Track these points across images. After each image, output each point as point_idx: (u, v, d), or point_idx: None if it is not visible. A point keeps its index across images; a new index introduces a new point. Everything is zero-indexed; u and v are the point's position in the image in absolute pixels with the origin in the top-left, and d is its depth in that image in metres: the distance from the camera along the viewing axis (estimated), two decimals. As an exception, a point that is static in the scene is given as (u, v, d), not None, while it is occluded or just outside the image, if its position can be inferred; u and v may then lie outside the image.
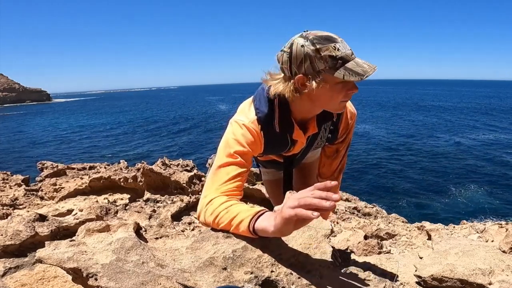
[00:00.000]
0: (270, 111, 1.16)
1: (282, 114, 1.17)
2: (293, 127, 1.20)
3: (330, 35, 1.02)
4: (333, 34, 1.03)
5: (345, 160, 1.54)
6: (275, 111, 1.16)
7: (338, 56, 1.00)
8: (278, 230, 0.83)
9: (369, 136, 24.35)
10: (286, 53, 1.05)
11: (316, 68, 1.01)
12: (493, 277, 1.03)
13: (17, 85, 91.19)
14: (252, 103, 1.20)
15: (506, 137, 23.11)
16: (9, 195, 2.68)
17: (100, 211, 2.04)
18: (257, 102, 1.18)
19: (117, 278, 0.85)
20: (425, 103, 55.25)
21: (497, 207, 11.24)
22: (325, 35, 1.01)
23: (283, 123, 1.18)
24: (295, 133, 1.22)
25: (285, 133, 1.21)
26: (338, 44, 1.01)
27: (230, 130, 1.15)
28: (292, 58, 1.03)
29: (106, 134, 30.86)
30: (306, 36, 1.02)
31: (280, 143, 1.25)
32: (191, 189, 3.01)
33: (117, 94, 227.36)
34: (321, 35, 1.01)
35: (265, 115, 1.15)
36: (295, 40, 1.03)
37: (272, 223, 0.85)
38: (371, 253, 1.72)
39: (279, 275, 0.88)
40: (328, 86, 1.04)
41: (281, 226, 0.81)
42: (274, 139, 1.21)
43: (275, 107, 1.16)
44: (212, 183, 1.07)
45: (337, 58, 1.00)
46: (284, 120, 1.18)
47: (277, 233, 0.85)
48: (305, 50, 1.00)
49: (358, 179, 14.21)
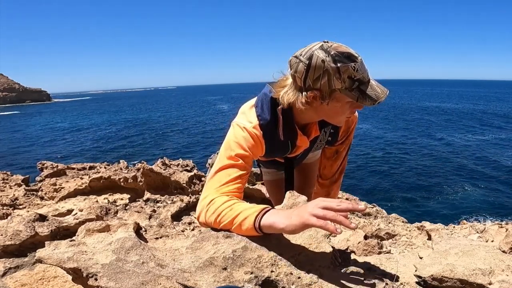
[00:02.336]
0: (272, 118, 1.15)
1: (285, 122, 1.16)
2: (297, 134, 1.20)
3: (352, 53, 0.99)
4: (354, 52, 1.00)
5: (345, 162, 1.54)
6: (279, 119, 1.15)
7: (356, 78, 0.98)
8: (291, 230, 0.86)
9: (369, 136, 24.35)
10: (303, 63, 1.00)
11: (332, 86, 0.99)
12: (493, 277, 1.03)
13: (17, 85, 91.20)
14: (254, 107, 1.19)
15: (506, 137, 23.11)
16: (9, 195, 2.68)
17: (100, 211, 2.04)
18: (259, 108, 1.17)
19: (117, 278, 0.85)
20: (425, 103, 55.27)
21: (497, 207, 11.25)
22: (347, 52, 0.98)
23: (286, 130, 1.18)
24: (299, 139, 1.22)
25: (287, 139, 1.21)
26: (358, 64, 0.98)
27: (232, 132, 1.15)
28: (310, 70, 0.99)
29: (106, 134, 30.86)
30: (328, 50, 0.97)
31: (281, 148, 1.25)
32: (191, 189, 3.01)
33: (116, 94, 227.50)
34: (343, 51, 0.97)
35: (268, 122, 1.15)
36: (315, 52, 0.98)
37: (283, 221, 0.87)
38: (371, 253, 1.72)
39: (279, 275, 0.88)
40: (339, 104, 1.04)
41: (297, 228, 0.85)
42: (275, 144, 1.21)
43: (279, 114, 1.15)
44: (213, 184, 1.07)
45: (354, 79, 0.98)
46: (287, 127, 1.17)
47: (288, 231, 0.88)
48: (325, 66, 0.96)
49: (358, 179, 14.22)
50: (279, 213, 0.90)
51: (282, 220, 0.87)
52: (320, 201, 0.84)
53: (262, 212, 0.92)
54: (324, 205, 0.82)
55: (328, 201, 0.83)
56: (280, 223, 0.87)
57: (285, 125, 1.17)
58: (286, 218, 0.87)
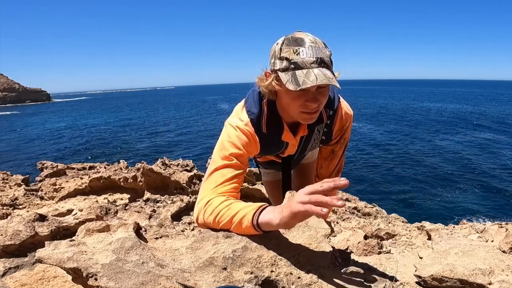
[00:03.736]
0: (259, 111, 1.16)
1: (270, 114, 1.17)
2: (282, 128, 1.20)
3: (303, 38, 0.99)
4: (308, 39, 0.99)
5: (342, 161, 1.54)
6: (263, 111, 1.16)
7: (293, 60, 0.98)
8: (283, 222, 0.85)
9: (369, 136, 24.36)
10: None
11: (275, 66, 1.03)
12: (493, 277, 1.03)
13: (17, 85, 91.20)
14: (245, 104, 1.20)
15: (506, 137, 23.12)
16: (9, 195, 2.68)
17: (100, 211, 2.04)
18: (248, 103, 1.19)
19: (117, 278, 0.85)
20: (425, 103, 55.29)
21: (497, 207, 11.25)
22: (298, 37, 1.00)
23: (271, 123, 1.17)
24: (284, 134, 1.22)
25: (273, 133, 1.20)
26: (303, 48, 0.98)
27: (225, 132, 1.15)
28: (269, 54, 1.07)
29: (106, 133, 30.85)
30: (288, 35, 1.03)
31: (274, 144, 1.25)
32: (191, 189, 3.01)
33: (116, 94, 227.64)
34: (296, 36, 1.01)
35: (256, 116, 1.16)
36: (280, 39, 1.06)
37: (277, 216, 0.87)
38: (371, 253, 1.72)
39: (279, 275, 0.88)
40: (283, 90, 1.03)
41: (288, 219, 0.84)
42: (268, 140, 1.21)
43: (263, 106, 1.16)
44: (208, 185, 1.07)
45: (291, 61, 0.98)
46: (272, 120, 1.17)
47: (282, 225, 0.87)
48: (274, 48, 1.04)
49: (358, 179, 14.21)
50: (274, 210, 0.90)
51: (276, 215, 0.87)
52: (305, 188, 0.83)
53: (259, 210, 0.93)
54: (309, 190, 0.82)
55: (312, 186, 0.82)
56: (275, 219, 0.87)
57: (270, 118, 1.17)
58: (279, 213, 0.87)
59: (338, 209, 3.56)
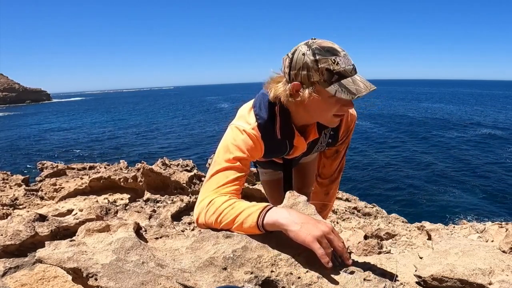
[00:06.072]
0: (270, 117, 1.16)
1: (283, 121, 1.17)
2: (294, 133, 1.20)
3: (334, 47, 1.01)
4: (337, 47, 1.02)
5: (344, 160, 1.55)
6: (276, 117, 1.16)
7: (335, 71, 0.99)
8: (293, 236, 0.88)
9: (369, 135, 24.35)
10: (288, 58, 1.06)
11: (311, 79, 1.01)
12: (493, 277, 1.03)
13: (17, 85, 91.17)
14: (252, 108, 1.20)
15: (506, 137, 23.11)
16: (9, 195, 2.68)
17: (100, 211, 2.04)
18: (257, 108, 1.18)
19: (117, 278, 0.85)
20: (425, 103, 55.29)
21: (497, 207, 11.25)
22: (328, 46, 1.01)
23: (284, 129, 1.18)
24: (296, 139, 1.22)
25: (285, 139, 1.21)
26: (339, 58, 1.00)
27: (230, 135, 1.15)
28: (292, 64, 1.04)
29: (106, 133, 30.84)
30: (310, 44, 1.01)
31: (279, 148, 1.25)
32: (191, 189, 3.01)
33: (115, 93, 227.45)
34: (324, 45, 1.01)
35: (265, 121, 1.15)
36: (299, 47, 1.04)
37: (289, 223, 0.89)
38: (371, 253, 1.72)
39: (279, 275, 0.88)
40: (321, 98, 1.04)
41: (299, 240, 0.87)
42: (274, 145, 1.21)
43: (276, 113, 1.16)
44: (210, 186, 1.06)
45: (333, 72, 0.99)
46: (285, 126, 1.18)
47: (290, 235, 0.89)
48: (305, 59, 1.01)
49: (358, 179, 14.21)
50: (282, 212, 0.91)
51: (287, 221, 0.89)
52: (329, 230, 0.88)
53: (265, 209, 0.93)
54: (330, 238, 0.87)
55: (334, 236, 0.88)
56: (284, 222, 0.89)
57: (283, 124, 1.17)
58: (292, 223, 0.88)
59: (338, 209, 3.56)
